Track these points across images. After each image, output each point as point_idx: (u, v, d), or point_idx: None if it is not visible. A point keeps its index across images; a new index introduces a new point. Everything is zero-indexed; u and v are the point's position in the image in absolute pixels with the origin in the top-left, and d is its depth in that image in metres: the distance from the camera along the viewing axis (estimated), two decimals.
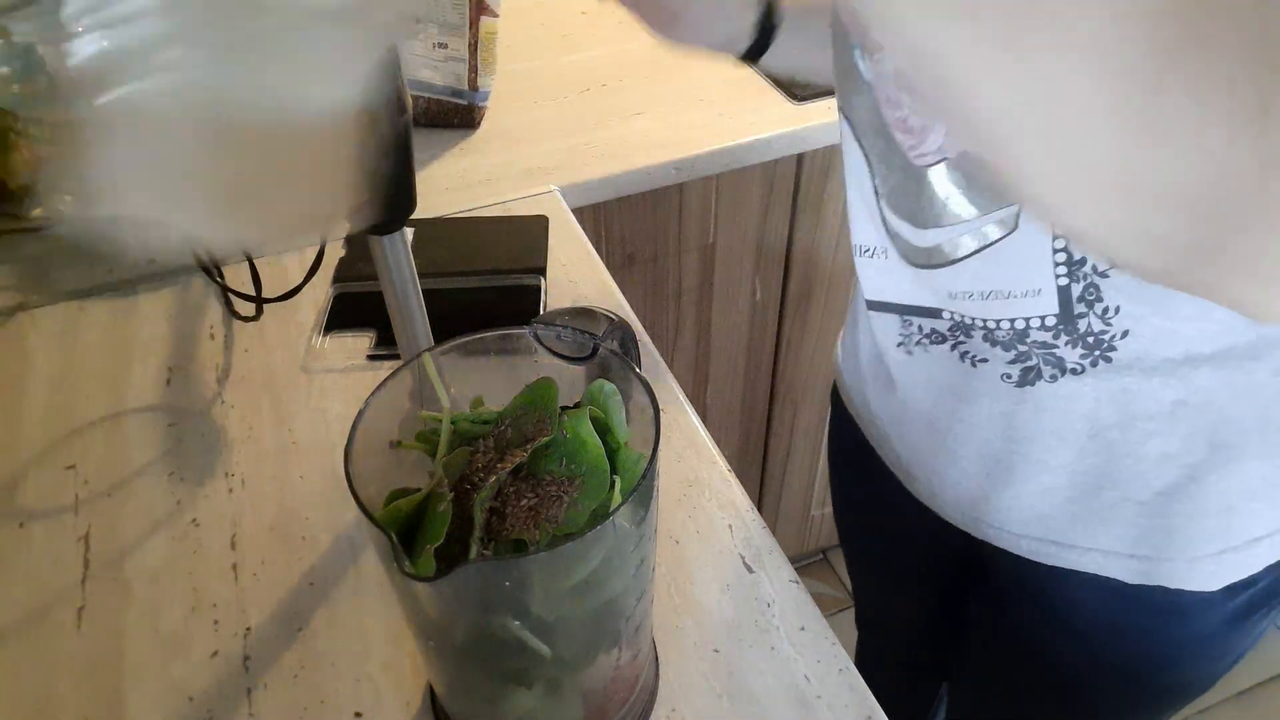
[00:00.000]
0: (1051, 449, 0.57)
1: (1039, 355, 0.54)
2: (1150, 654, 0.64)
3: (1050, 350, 0.53)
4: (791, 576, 0.59)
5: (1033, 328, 0.52)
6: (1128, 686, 0.67)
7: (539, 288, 0.81)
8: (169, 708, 0.54)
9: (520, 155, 0.99)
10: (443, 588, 0.39)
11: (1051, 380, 0.54)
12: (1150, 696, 0.68)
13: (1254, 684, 1.54)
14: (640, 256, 1.06)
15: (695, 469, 0.66)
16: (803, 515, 1.52)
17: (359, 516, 0.39)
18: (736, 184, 1.05)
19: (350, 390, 0.73)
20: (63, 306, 0.81)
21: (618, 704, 0.50)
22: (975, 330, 0.56)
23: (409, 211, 0.54)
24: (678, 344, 1.19)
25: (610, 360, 0.46)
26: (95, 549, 0.62)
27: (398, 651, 0.56)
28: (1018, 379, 0.55)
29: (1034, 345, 0.53)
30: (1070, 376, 0.53)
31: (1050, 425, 0.56)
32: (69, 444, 0.69)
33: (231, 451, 0.68)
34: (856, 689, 0.54)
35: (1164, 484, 0.55)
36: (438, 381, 0.47)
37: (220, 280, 0.81)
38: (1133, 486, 0.56)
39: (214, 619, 0.58)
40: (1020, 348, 0.54)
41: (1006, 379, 0.56)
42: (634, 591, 0.44)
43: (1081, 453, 0.56)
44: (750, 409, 1.32)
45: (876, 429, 0.73)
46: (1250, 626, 0.62)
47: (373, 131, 0.41)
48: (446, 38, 0.97)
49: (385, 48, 0.40)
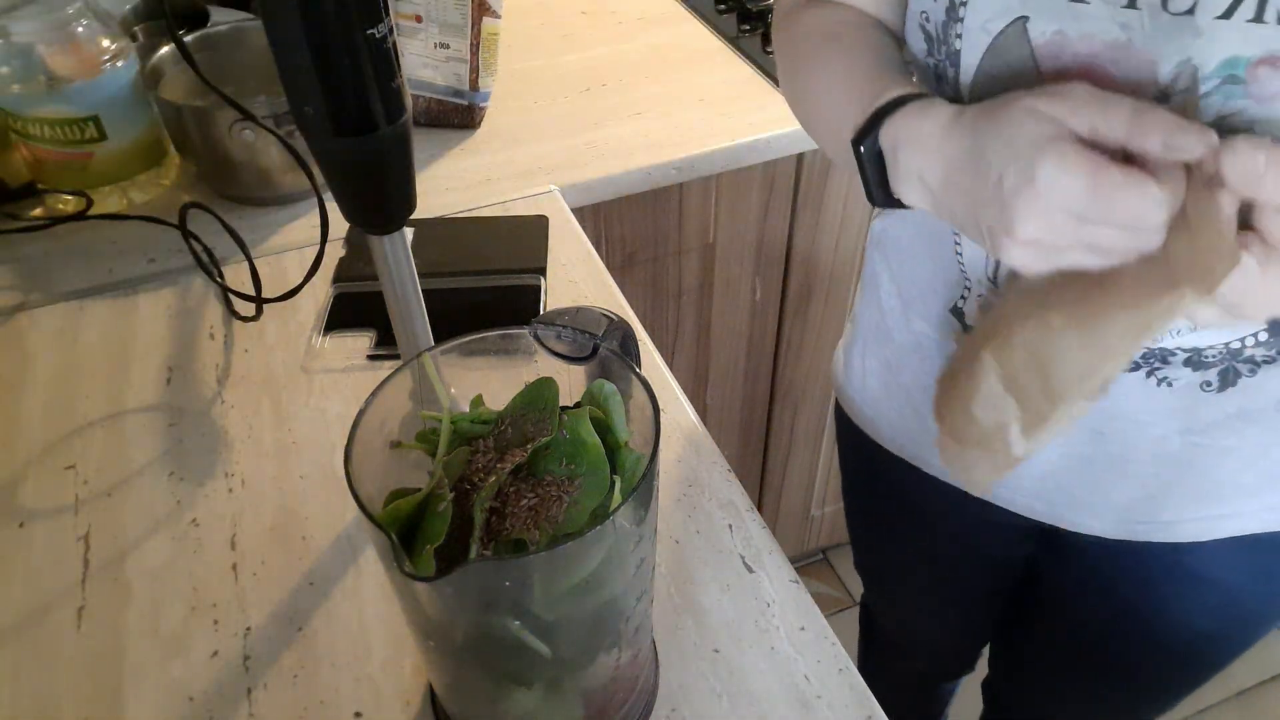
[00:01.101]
0: (1237, 430, 0.56)
1: (1240, 363, 0.53)
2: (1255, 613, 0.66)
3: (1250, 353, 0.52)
4: (791, 576, 0.59)
5: (1247, 345, 0.52)
6: (1193, 660, 0.70)
7: (539, 288, 0.81)
8: (169, 708, 0.54)
9: (520, 155, 0.99)
10: (443, 588, 0.39)
11: (1250, 374, 0.53)
12: (1207, 666, 0.71)
13: (1254, 684, 1.54)
14: (640, 256, 1.06)
15: (695, 469, 0.66)
16: (803, 515, 1.52)
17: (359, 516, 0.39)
18: (736, 184, 1.05)
19: (350, 390, 0.73)
20: (63, 306, 0.81)
21: (618, 704, 0.50)
22: (1174, 357, 0.54)
23: (409, 211, 0.54)
24: (678, 344, 1.19)
25: (610, 360, 0.46)
26: (95, 549, 0.62)
27: (398, 651, 0.56)
28: (1218, 385, 0.54)
29: (1243, 360, 0.53)
30: (1269, 365, 0.52)
31: (1236, 408, 0.55)
32: (69, 444, 0.69)
33: (231, 451, 0.68)
34: (856, 689, 0.54)
35: None
36: (438, 381, 0.47)
37: (220, 280, 0.81)
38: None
39: (214, 619, 0.58)
40: (1227, 363, 0.53)
41: (1206, 387, 0.55)
42: (634, 591, 0.44)
43: (1268, 427, 0.56)
44: (750, 409, 1.32)
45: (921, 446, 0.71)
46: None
47: None
48: (448, 38, 0.97)
49: None
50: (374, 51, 0.46)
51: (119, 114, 0.87)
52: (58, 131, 0.85)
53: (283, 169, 0.89)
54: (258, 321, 0.78)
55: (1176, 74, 0.42)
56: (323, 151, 0.50)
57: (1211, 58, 0.41)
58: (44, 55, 0.83)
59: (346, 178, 0.51)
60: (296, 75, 0.46)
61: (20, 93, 0.84)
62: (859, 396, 0.76)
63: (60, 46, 0.84)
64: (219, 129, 0.86)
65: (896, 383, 0.70)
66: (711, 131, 1.01)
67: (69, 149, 0.87)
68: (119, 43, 0.87)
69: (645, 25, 1.21)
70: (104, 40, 0.86)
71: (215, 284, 0.81)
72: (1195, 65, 0.42)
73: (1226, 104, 0.42)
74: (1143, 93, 0.43)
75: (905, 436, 0.72)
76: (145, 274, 0.84)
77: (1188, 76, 0.42)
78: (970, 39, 0.48)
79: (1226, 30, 0.41)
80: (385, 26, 0.46)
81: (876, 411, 0.74)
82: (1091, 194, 0.38)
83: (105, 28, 0.87)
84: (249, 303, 0.78)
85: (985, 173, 0.41)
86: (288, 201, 0.92)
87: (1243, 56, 0.41)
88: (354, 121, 0.48)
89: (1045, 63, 0.46)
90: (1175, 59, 0.42)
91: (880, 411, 0.74)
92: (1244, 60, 0.41)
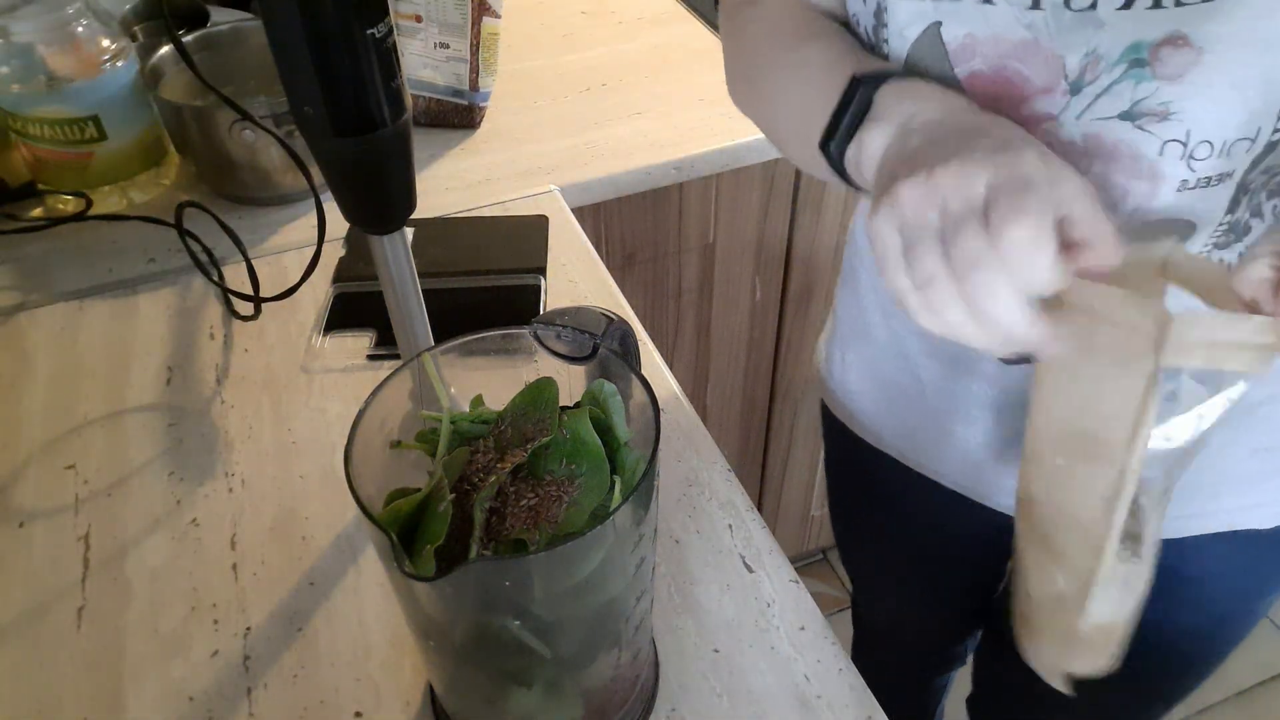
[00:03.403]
0: (1223, 430, 0.56)
1: None
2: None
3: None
4: (791, 576, 0.59)
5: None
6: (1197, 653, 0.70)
7: (539, 288, 0.81)
8: (169, 708, 0.54)
9: (520, 155, 0.99)
10: (443, 588, 0.39)
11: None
12: (1195, 664, 0.71)
13: (1254, 684, 1.54)
14: (640, 256, 1.06)
15: (695, 469, 0.66)
16: (803, 515, 1.52)
17: (359, 516, 0.39)
18: (736, 184, 1.05)
19: (350, 390, 0.73)
20: (63, 306, 0.81)
21: (618, 704, 0.50)
22: None
23: (409, 211, 0.54)
24: (678, 344, 1.19)
25: (610, 360, 0.46)
26: (95, 549, 0.62)
27: (398, 651, 0.56)
28: None
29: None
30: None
31: None
32: (69, 444, 0.69)
33: (231, 451, 0.68)
34: (856, 689, 0.54)
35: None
36: (438, 381, 0.47)
37: (217, 279, 0.81)
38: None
39: (214, 619, 0.58)
40: None
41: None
42: (634, 591, 0.44)
43: (1251, 428, 0.57)
44: (750, 409, 1.32)
45: (931, 439, 0.70)
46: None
47: None
48: (448, 38, 0.97)
49: None
50: (374, 51, 0.46)
51: (119, 114, 0.87)
52: (58, 131, 0.85)
53: (282, 169, 0.89)
54: (257, 321, 0.78)
55: (1083, 65, 0.44)
56: (323, 151, 0.50)
57: (1115, 46, 0.43)
58: (44, 55, 0.83)
59: (346, 178, 0.51)
60: (296, 75, 0.46)
61: (20, 93, 0.84)
62: (840, 390, 0.76)
63: (60, 46, 0.84)
64: (219, 129, 0.86)
65: (876, 378, 0.71)
66: (711, 131, 1.01)
67: (69, 149, 0.87)
68: (119, 43, 0.87)
69: (645, 25, 1.21)
70: (104, 40, 0.86)
71: (215, 284, 0.81)
72: (1100, 55, 0.43)
73: (1137, 88, 0.43)
74: (1053, 86, 0.45)
75: (886, 430, 0.73)
76: (145, 274, 0.84)
77: (1094, 66, 0.44)
78: (894, 44, 0.49)
79: (1128, 19, 0.42)
80: (385, 26, 0.46)
81: (858, 406, 0.75)
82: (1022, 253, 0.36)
83: (105, 28, 0.87)
84: (248, 302, 0.78)
85: (973, 140, 0.40)
86: (288, 201, 0.92)
87: (1145, 40, 0.42)
88: (354, 121, 0.48)
89: (959, 64, 0.47)
90: (1081, 51, 0.44)
91: (861, 406, 0.74)
92: (1146, 44, 0.42)
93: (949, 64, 0.48)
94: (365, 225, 0.54)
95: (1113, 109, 0.44)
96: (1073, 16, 0.43)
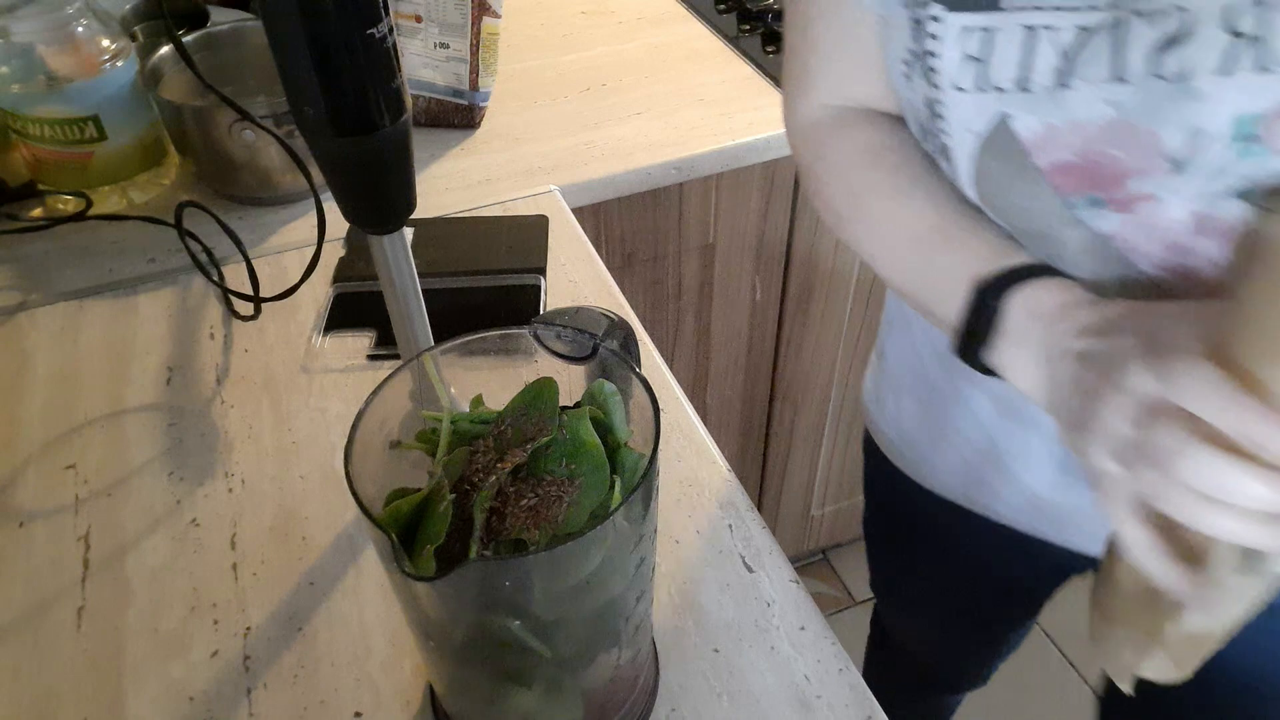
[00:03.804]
0: None
1: None
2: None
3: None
4: (791, 576, 0.59)
5: None
6: None
7: (539, 288, 0.81)
8: (169, 708, 0.54)
9: (520, 155, 0.99)
10: (443, 588, 0.39)
11: None
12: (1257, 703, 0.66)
13: None
14: (640, 256, 1.06)
15: (695, 469, 0.66)
16: (803, 515, 1.52)
17: (359, 516, 0.39)
18: (736, 184, 1.05)
19: (350, 390, 0.73)
20: (63, 306, 0.81)
21: (618, 704, 0.50)
22: None
23: (409, 211, 0.54)
24: (678, 344, 1.19)
25: (610, 360, 0.46)
26: (95, 549, 0.62)
27: (398, 651, 0.56)
28: None
29: None
30: None
31: None
32: (69, 443, 0.69)
33: (231, 451, 0.68)
34: (856, 689, 0.54)
35: None
36: (438, 381, 0.47)
37: (216, 279, 0.81)
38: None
39: (214, 619, 0.58)
40: None
41: None
42: (634, 591, 0.44)
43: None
44: (750, 409, 1.32)
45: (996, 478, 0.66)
46: None
47: None
48: (448, 38, 0.97)
49: None
50: (374, 51, 0.46)
51: (119, 114, 0.87)
52: (57, 131, 0.85)
53: (282, 169, 0.89)
54: (257, 321, 0.78)
55: (1185, 141, 0.39)
56: (323, 151, 0.50)
57: (1218, 119, 0.38)
58: (44, 55, 0.83)
59: (346, 178, 0.51)
60: (296, 75, 0.46)
61: (20, 92, 0.84)
62: (893, 433, 0.73)
63: (60, 46, 0.84)
64: (219, 129, 0.86)
65: (933, 422, 0.67)
66: (711, 131, 1.01)
67: (69, 149, 0.87)
68: (119, 43, 0.87)
69: (645, 25, 1.21)
70: (104, 40, 0.86)
71: (215, 284, 0.81)
72: (1201, 129, 0.39)
73: (1254, 165, 0.39)
74: (1153, 169, 0.41)
75: (941, 469, 0.69)
76: (145, 274, 0.84)
77: (1197, 141, 0.39)
78: (957, 138, 0.46)
79: (1229, 88, 0.37)
80: (385, 26, 0.46)
81: (918, 455, 0.71)
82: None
83: (105, 28, 0.87)
84: (248, 302, 0.78)
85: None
86: (288, 201, 0.92)
87: (1252, 113, 0.38)
88: (354, 121, 0.48)
89: (1039, 155, 0.43)
90: (1178, 125, 0.39)
91: (923, 456, 0.70)
92: (1255, 116, 0.38)
93: (1027, 158, 0.44)
94: (365, 225, 0.54)
95: (1226, 187, 0.40)
96: (1165, 88, 0.38)
